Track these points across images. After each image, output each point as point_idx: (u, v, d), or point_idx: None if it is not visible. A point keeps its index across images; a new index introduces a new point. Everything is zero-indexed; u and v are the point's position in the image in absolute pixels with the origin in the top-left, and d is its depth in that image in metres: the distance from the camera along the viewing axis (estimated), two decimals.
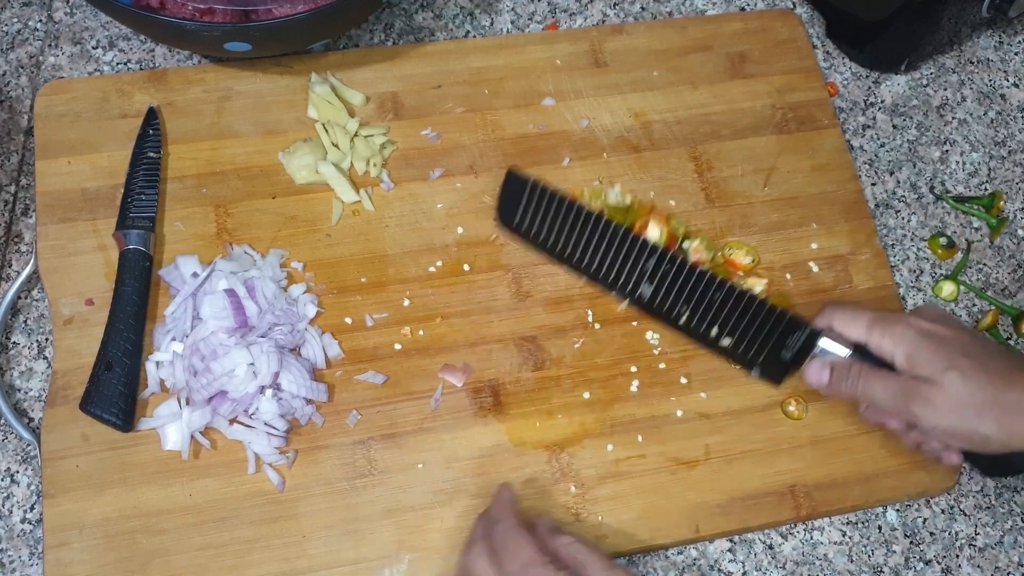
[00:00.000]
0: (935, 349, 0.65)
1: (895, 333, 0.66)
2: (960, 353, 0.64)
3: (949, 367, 0.64)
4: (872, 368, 0.67)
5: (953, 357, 0.64)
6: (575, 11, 0.93)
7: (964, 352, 0.65)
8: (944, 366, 0.64)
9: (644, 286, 0.71)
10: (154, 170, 0.79)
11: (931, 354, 0.65)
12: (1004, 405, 0.63)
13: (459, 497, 0.72)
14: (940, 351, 0.65)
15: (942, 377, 0.64)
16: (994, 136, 0.91)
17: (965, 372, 0.64)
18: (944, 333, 0.66)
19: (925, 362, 0.65)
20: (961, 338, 0.66)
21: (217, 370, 0.70)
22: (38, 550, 0.69)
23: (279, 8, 0.76)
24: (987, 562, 0.75)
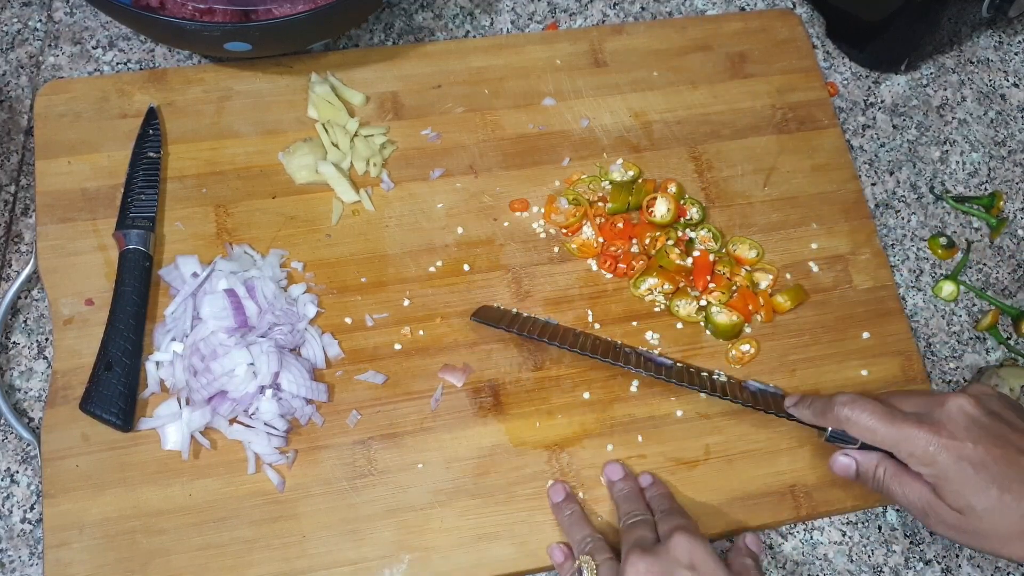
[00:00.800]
0: (966, 478, 0.61)
1: (923, 459, 0.62)
2: (994, 481, 0.60)
3: (980, 500, 0.60)
4: (897, 471, 0.64)
5: (987, 484, 0.60)
6: (575, 11, 0.93)
7: (1000, 479, 0.60)
8: (975, 499, 0.61)
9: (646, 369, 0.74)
10: (154, 170, 0.79)
11: (960, 486, 0.61)
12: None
13: (459, 497, 0.72)
14: (971, 480, 0.61)
15: (971, 509, 0.61)
16: (994, 136, 0.91)
17: (997, 503, 0.60)
18: (976, 455, 0.61)
19: (952, 493, 0.61)
20: (996, 456, 0.61)
21: (217, 370, 0.70)
22: (38, 550, 0.69)
23: (279, 8, 0.76)
24: (987, 562, 0.75)
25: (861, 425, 0.65)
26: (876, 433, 0.64)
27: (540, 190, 0.83)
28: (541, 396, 0.75)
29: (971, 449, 0.61)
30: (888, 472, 0.65)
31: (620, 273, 0.80)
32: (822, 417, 0.68)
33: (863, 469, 0.67)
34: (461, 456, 0.73)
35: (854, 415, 0.65)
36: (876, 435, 0.64)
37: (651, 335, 0.78)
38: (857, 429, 0.65)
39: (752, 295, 0.80)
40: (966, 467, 0.61)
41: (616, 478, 0.71)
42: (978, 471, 0.61)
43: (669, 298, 0.79)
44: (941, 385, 0.80)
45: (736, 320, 0.78)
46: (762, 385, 0.76)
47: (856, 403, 0.66)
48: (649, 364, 0.74)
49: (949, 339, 0.82)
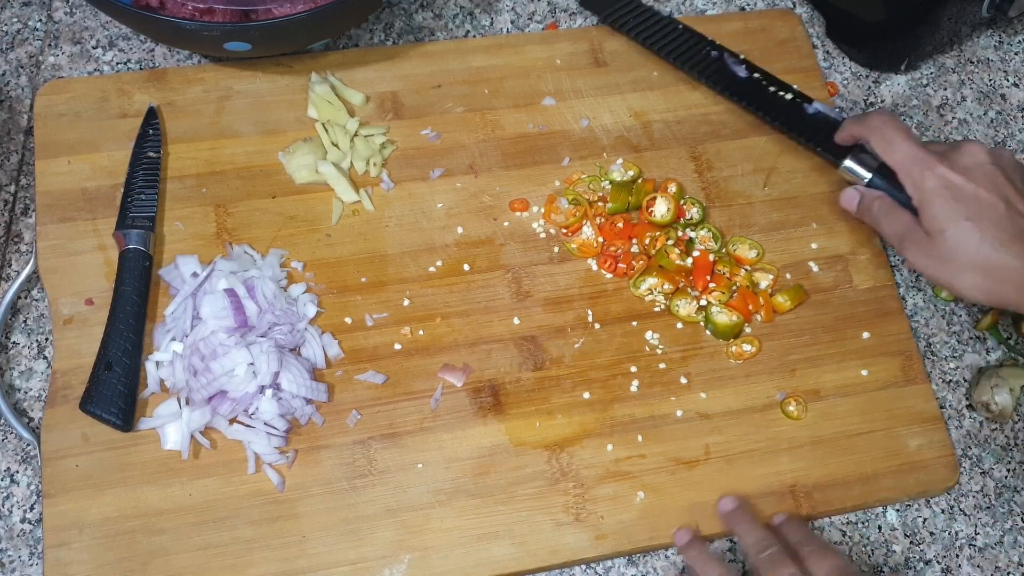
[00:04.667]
0: (945, 203, 0.67)
1: (917, 180, 0.69)
2: (968, 214, 0.67)
3: (950, 225, 0.67)
4: (891, 204, 0.72)
5: (959, 214, 0.67)
6: (575, 11, 0.93)
7: (974, 213, 0.67)
8: (946, 223, 0.67)
9: None
10: (154, 170, 0.79)
11: (939, 209, 0.68)
12: (988, 268, 0.66)
13: (459, 497, 0.72)
14: (949, 206, 0.67)
15: (940, 233, 0.67)
16: (994, 136, 0.91)
17: (963, 231, 0.67)
18: (966, 188, 0.67)
19: (930, 216, 0.68)
20: (980, 196, 0.67)
21: (217, 370, 0.70)
22: (38, 550, 0.69)
23: (279, 8, 0.76)
24: (987, 562, 0.75)
25: (887, 134, 0.72)
26: (893, 144, 0.71)
27: (540, 190, 0.83)
28: (541, 396, 0.75)
29: (960, 181, 0.68)
30: (884, 206, 0.72)
31: (620, 273, 0.80)
32: (861, 125, 0.74)
33: (864, 201, 0.74)
34: (461, 456, 0.73)
35: (886, 122, 0.72)
36: (894, 147, 0.71)
37: (651, 335, 0.78)
38: (883, 137, 0.72)
39: (752, 295, 0.80)
40: (947, 195, 0.68)
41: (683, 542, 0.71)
42: (957, 200, 0.67)
43: (669, 298, 0.79)
44: (941, 385, 0.80)
45: (736, 320, 0.78)
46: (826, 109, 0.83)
47: (891, 119, 0.73)
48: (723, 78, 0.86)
49: (949, 339, 0.82)
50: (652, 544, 0.72)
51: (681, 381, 0.77)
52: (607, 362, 0.77)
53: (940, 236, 0.68)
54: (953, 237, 0.67)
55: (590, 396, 0.76)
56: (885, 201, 0.73)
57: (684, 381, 0.77)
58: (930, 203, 0.68)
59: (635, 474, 0.74)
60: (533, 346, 0.77)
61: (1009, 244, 0.66)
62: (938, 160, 0.69)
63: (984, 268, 0.67)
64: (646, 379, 0.77)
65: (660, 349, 0.78)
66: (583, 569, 0.72)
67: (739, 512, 0.71)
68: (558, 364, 0.77)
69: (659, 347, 0.78)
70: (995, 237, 0.66)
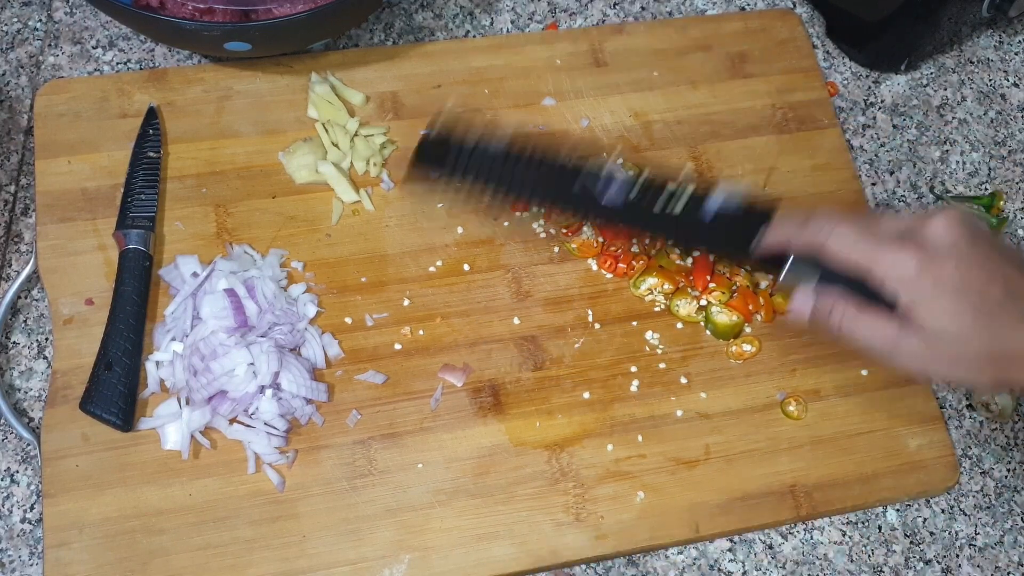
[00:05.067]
0: (943, 300, 0.57)
1: (899, 277, 0.58)
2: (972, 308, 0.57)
3: (953, 324, 0.57)
4: (860, 309, 0.60)
5: (962, 310, 0.57)
6: (575, 11, 0.93)
7: (977, 304, 0.57)
8: (949, 323, 0.57)
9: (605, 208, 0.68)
10: (154, 170, 0.79)
11: (937, 308, 0.58)
12: (1006, 358, 0.58)
13: (459, 497, 0.72)
14: (948, 303, 0.57)
15: (943, 333, 0.58)
16: (994, 136, 0.91)
17: (971, 328, 0.57)
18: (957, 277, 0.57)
19: (928, 318, 0.58)
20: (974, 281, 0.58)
21: (217, 370, 0.70)
22: (38, 550, 0.69)
23: (279, 8, 0.76)
24: (987, 562, 0.75)
25: (838, 240, 0.60)
26: (854, 249, 0.60)
27: None
28: (541, 396, 0.75)
29: (951, 269, 0.58)
30: (848, 313, 0.60)
31: (620, 273, 0.80)
32: (798, 233, 0.62)
33: (819, 309, 0.62)
34: (461, 456, 0.73)
35: (834, 228, 0.60)
36: (853, 251, 0.60)
37: (651, 335, 0.78)
38: (834, 246, 0.60)
39: (752, 295, 0.80)
40: (944, 291, 0.58)
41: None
42: (957, 294, 0.57)
43: (669, 298, 0.79)
44: (941, 385, 0.80)
45: (736, 320, 0.78)
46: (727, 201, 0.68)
47: (836, 218, 0.61)
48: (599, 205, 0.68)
49: None
50: (652, 544, 0.72)
51: (681, 381, 0.77)
52: (607, 362, 0.77)
53: (944, 336, 0.58)
54: (960, 336, 0.58)
55: (590, 396, 0.76)
56: (848, 306, 0.61)
57: (684, 381, 0.77)
58: (925, 302, 0.58)
59: (635, 474, 0.74)
60: (533, 346, 0.77)
61: (1017, 327, 0.58)
62: (915, 250, 0.58)
63: (1001, 359, 0.58)
64: (646, 379, 0.77)
65: (660, 349, 0.78)
66: (583, 569, 0.72)
67: None
68: (558, 364, 0.77)
69: (659, 347, 0.78)
70: (1005, 325, 0.58)
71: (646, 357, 0.78)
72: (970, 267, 0.58)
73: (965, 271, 0.58)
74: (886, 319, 0.60)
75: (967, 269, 0.58)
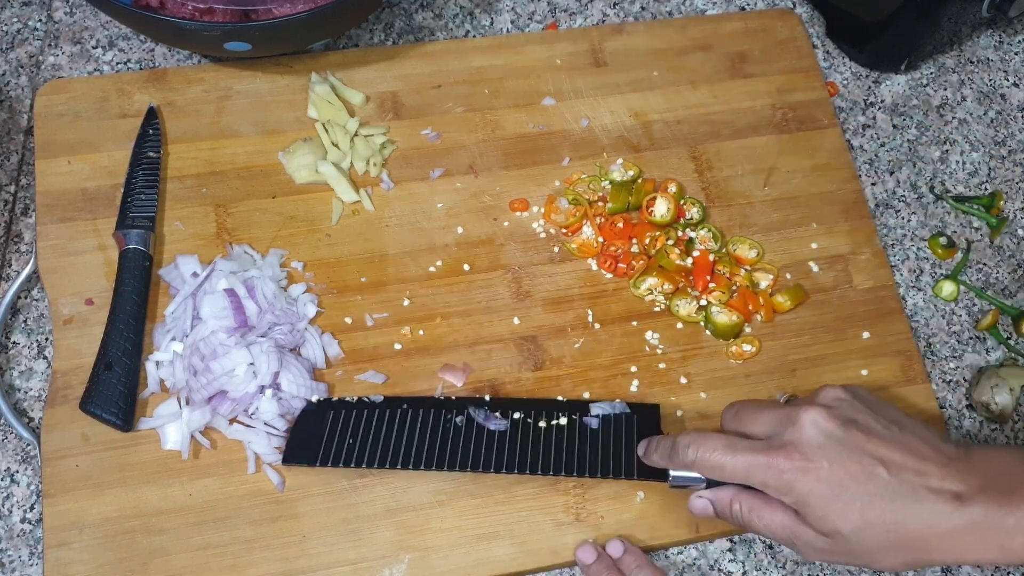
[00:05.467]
0: (827, 503, 0.58)
1: (780, 487, 0.59)
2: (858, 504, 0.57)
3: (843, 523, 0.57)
4: (757, 502, 0.61)
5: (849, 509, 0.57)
6: (575, 11, 0.93)
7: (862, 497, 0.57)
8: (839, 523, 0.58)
9: None
10: (154, 170, 0.79)
11: (822, 512, 0.58)
12: (904, 542, 0.58)
13: (459, 497, 0.72)
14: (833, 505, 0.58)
15: (836, 534, 0.58)
16: (994, 136, 0.91)
17: (862, 524, 0.57)
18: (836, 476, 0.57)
19: (817, 520, 0.58)
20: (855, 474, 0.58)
21: (217, 370, 0.70)
22: (38, 550, 0.69)
23: (279, 8, 0.76)
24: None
25: (708, 464, 0.62)
26: (724, 469, 0.61)
27: (540, 190, 0.83)
28: (541, 396, 0.75)
29: (827, 470, 0.58)
30: (745, 506, 0.61)
31: (620, 273, 0.80)
32: (669, 461, 0.64)
33: (719, 507, 0.63)
34: None
35: (699, 454, 0.62)
36: (724, 471, 0.61)
37: (651, 335, 0.78)
38: (705, 468, 0.62)
39: (752, 295, 0.80)
40: (825, 490, 0.58)
41: (590, 561, 0.69)
42: (838, 492, 0.58)
43: (669, 298, 0.79)
44: (941, 385, 0.80)
45: (736, 320, 0.78)
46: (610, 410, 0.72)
47: (699, 441, 0.62)
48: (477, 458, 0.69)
49: (949, 339, 0.82)
50: (652, 544, 0.72)
51: (681, 381, 0.77)
52: (607, 362, 0.77)
53: (839, 535, 0.58)
54: (855, 532, 0.58)
55: (590, 396, 0.76)
56: (746, 499, 0.61)
57: (684, 381, 0.77)
58: (810, 506, 0.58)
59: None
60: (533, 346, 0.77)
61: (912, 507, 0.57)
62: (784, 456, 0.59)
63: (906, 544, 0.58)
64: (646, 379, 0.77)
65: (660, 349, 0.78)
66: None
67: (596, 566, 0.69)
68: (558, 364, 0.77)
69: (659, 347, 0.78)
70: (898, 509, 0.57)
71: (646, 357, 0.78)
72: (847, 460, 0.58)
73: (842, 466, 0.58)
74: (783, 512, 0.60)
75: (844, 463, 0.58)
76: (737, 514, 0.62)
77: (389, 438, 0.70)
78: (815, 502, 0.58)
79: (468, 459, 0.69)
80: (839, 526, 0.58)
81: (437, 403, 0.72)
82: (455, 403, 0.73)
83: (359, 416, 0.71)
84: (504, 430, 0.71)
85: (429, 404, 0.72)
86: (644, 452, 0.68)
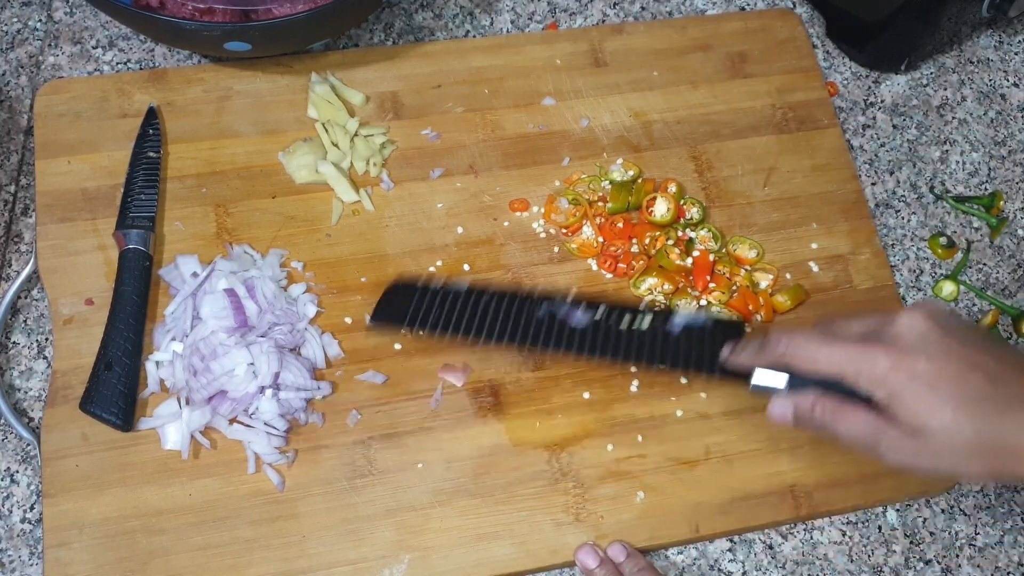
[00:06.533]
0: (921, 396, 0.57)
1: (876, 377, 0.58)
2: (952, 402, 0.57)
3: (934, 419, 0.57)
4: (836, 405, 0.60)
5: (943, 404, 0.57)
6: (575, 11, 0.93)
7: (957, 397, 0.57)
8: (929, 418, 0.57)
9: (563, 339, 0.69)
10: (154, 170, 0.79)
11: (916, 405, 0.57)
12: (991, 450, 0.57)
13: (459, 497, 0.72)
14: (927, 398, 0.57)
15: (924, 429, 0.57)
16: (994, 136, 0.91)
17: (954, 422, 0.56)
18: (932, 371, 0.57)
19: (909, 414, 0.57)
20: (953, 375, 0.57)
21: (217, 370, 0.70)
22: (38, 550, 0.69)
23: (279, 8, 0.76)
24: (987, 562, 0.75)
25: (801, 354, 0.61)
26: (818, 359, 0.60)
27: (540, 190, 0.83)
28: (541, 396, 0.75)
29: (924, 366, 0.57)
30: (828, 408, 0.61)
31: (620, 273, 0.80)
32: (758, 356, 0.63)
33: (800, 411, 0.62)
34: (461, 456, 0.73)
35: (791, 346, 0.61)
36: (819, 361, 0.60)
37: None
38: (797, 358, 0.61)
39: (752, 295, 0.80)
40: (920, 386, 0.57)
41: (593, 565, 0.69)
42: (932, 389, 0.57)
43: (669, 298, 0.79)
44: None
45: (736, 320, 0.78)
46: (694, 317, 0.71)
47: (792, 335, 0.62)
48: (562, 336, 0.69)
49: None
50: (652, 544, 0.72)
51: (681, 381, 0.77)
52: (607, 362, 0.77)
53: (926, 432, 0.57)
54: (943, 430, 0.57)
55: (590, 396, 0.76)
56: (827, 402, 0.61)
57: (684, 381, 0.77)
58: (902, 400, 0.58)
59: (635, 474, 0.74)
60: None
61: (1005, 415, 0.57)
62: (883, 349, 0.58)
63: (991, 451, 0.57)
64: (646, 379, 0.77)
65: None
66: None
67: (599, 570, 0.69)
68: (558, 364, 0.77)
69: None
70: (990, 414, 0.57)
71: None
72: (945, 360, 0.58)
73: (939, 364, 0.57)
74: (866, 413, 0.59)
75: (941, 362, 0.57)
76: (820, 417, 0.61)
77: (472, 319, 0.70)
78: (908, 396, 0.57)
79: (550, 342, 0.68)
80: (929, 423, 0.57)
81: (522, 295, 0.72)
82: (539, 296, 0.71)
83: (444, 298, 0.71)
84: (585, 327, 0.69)
85: (513, 293, 0.72)
86: (730, 353, 0.66)
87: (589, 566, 0.69)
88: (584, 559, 0.70)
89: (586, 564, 0.69)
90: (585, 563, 0.70)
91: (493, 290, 0.73)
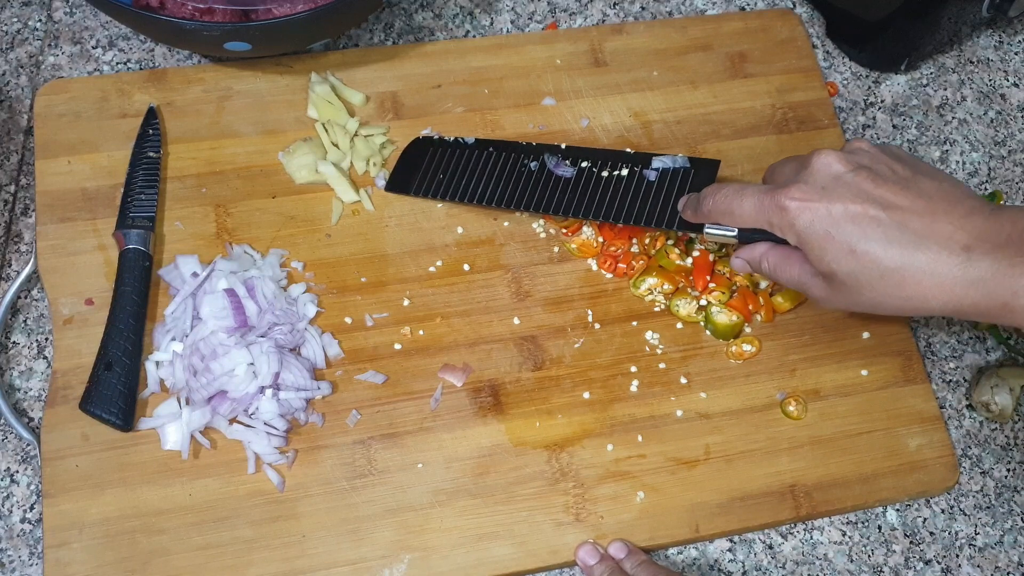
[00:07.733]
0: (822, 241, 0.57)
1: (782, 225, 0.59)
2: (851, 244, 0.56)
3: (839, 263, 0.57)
4: (779, 253, 0.63)
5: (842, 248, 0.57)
6: (575, 11, 0.93)
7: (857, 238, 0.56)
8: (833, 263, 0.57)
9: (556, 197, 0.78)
10: (154, 170, 0.79)
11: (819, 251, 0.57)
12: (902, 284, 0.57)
13: (459, 497, 0.72)
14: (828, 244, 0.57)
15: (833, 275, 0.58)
16: (994, 136, 0.91)
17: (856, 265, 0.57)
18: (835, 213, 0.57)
19: (816, 260, 0.58)
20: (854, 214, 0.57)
21: (217, 370, 0.70)
22: (38, 550, 0.69)
23: (279, 8, 0.76)
24: (987, 562, 0.75)
25: (720, 209, 0.63)
26: (734, 213, 0.62)
27: None
28: (541, 396, 0.75)
29: (825, 207, 0.57)
30: (772, 260, 0.62)
31: (620, 273, 0.80)
32: (695, 213, 0.66)
33: (752, 264, 0.64)
34: (461, 456, 0.73)
35: (714, 202, 0.64)
36: (735, 215, 0.62)
37: (651, 335, 0.78)
38: (718, 214, 0.64)
39: (752, 295, 0.80)
40: (820, 227, 0.57)
41: (593, 562, 0.70)
42: (834, 230, 0.57)
43: (669, 298, 0.79)
44: (941, 385, 0.80)
45: (736, 320, 0.78)
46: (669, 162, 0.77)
47: (716, 189, 0.63)
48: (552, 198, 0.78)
49: (949, 339, 0.82)
50: (652, 544, 0.72)
51: (681, 381, 0.77)
52: (607, 362, 0.77)
53: (835, 277, 0.58)
54: (848, 274, 0.57)
55: (590, 396, 0.76)
56: (772, 254, 0.63)
57: (684, 381, 0.77)
58: (808, 245, 0.58)
59: (635, 474, 0.74)
60: (533, 346, 0.77)
61: (911, 253, 0.56)
62: (785, 195, 0.59)
63: (895, 290, 0.57)
64: (646, 379, 0.77)
65: (660, 349, 0.78)
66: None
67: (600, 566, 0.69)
68: (558, 364, 0.77)
69: (659, 347, 0.78)
70: (894, 255, 0.56)
71: (646, 357, 0.78)
72: (848, 202, 0.57)
73: (841, 206, 0.57)
74: (801, 261, 0.60)
75: (844, 203, 0.57)
76: (766, 269, 0.64)
77: (472, 177, 0.80)
78: (812, 240, 0.58)
79: (540, 203, 0.78)
80: (833, 266, 0.58)
81: (518, 147, 0.81)
82: (533, 148, 0.81)
83: (451, 155, 0.81)
84: (570, 177, 0.78)
85: (511, 148, 0.81)
86: (681, 207, 0.69)
87: (589, 563, 0.69)
88: (584, 557, 0.70)
89: (586, 562, 0.70)
90: (585, 561, 0.70)
91: (495, 142, 0.82)
